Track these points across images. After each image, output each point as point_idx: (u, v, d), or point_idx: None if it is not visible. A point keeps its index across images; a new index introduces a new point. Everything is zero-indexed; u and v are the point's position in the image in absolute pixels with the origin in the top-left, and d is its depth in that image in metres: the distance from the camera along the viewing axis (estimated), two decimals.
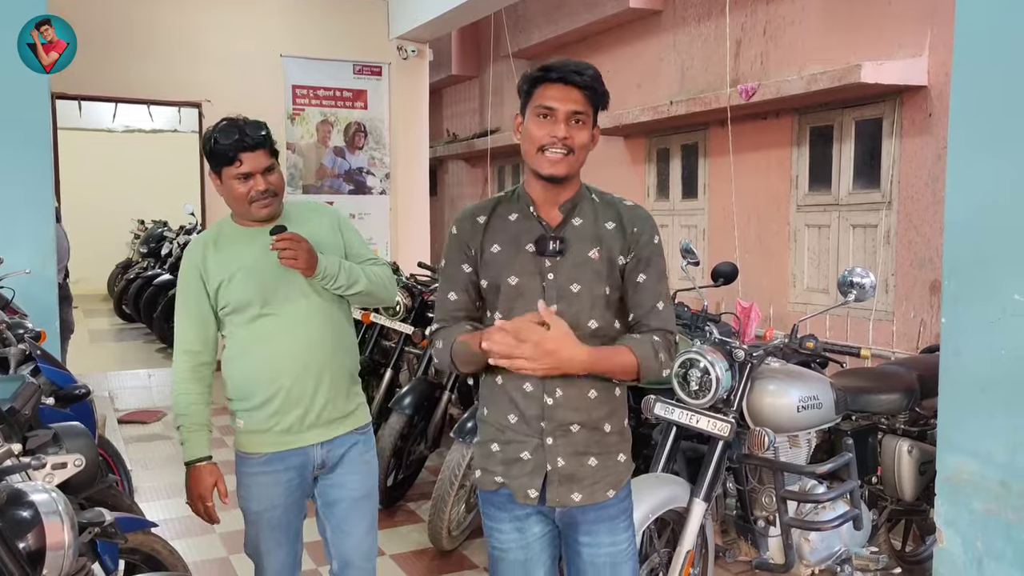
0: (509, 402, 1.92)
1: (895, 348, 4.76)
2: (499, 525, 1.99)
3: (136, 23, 7.30)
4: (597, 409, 1.91)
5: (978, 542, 2.66)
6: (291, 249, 2.19)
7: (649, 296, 1.93)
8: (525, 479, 1.92)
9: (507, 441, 1.94)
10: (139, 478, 5.09)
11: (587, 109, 1.87)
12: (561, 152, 1.85)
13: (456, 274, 1.97)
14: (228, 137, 2.21)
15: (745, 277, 6.02)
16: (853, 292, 2.82)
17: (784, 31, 5.80)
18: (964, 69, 2.66)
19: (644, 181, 7.34)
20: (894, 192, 5.05)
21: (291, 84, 8.01)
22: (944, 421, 2.72)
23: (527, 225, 1.93)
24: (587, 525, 1.95)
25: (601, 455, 1.93)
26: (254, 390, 2.33)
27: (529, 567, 1.99)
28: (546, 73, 1.86)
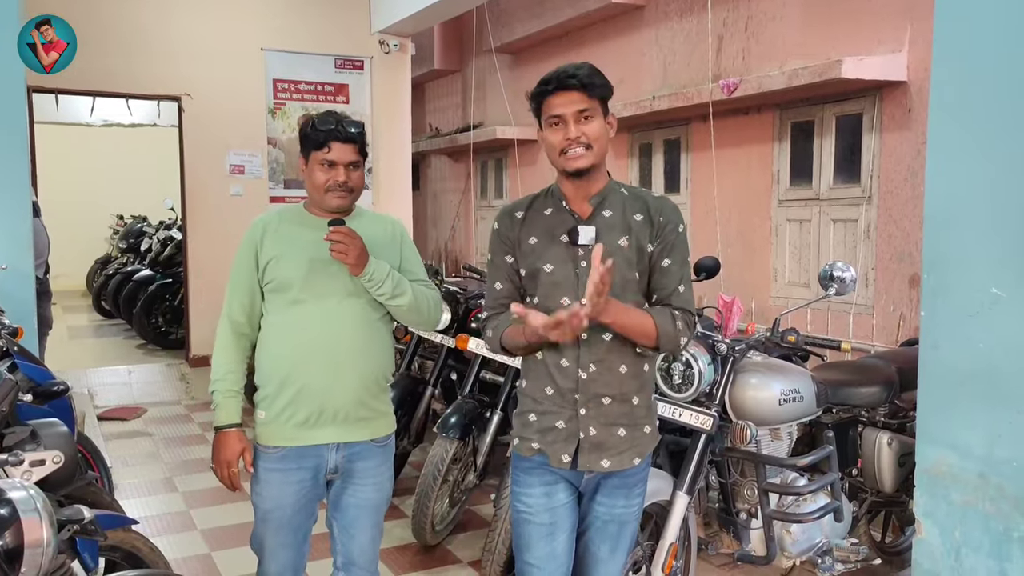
0: (547, 375, 2.11)
1: (875, 341, 4.80)
2: (529, 490, 2.15)
3: (115, 16, 7.22)
4: (627, 383, 2.10)
5: (956, 533, 2.69)
6: (343, 243, 2.23)
7: (672, 279, 2.10)
8: (559, 445, 2.10)
9: (544, 412, 2.12)
10: (119, 475, 5.05)
11: (590, 104, 2.03)
12: (579, 149, 2.02)
13: (501, 264, 2.17)
14: (325, 124, 2.34)
15: (727, 271, 6.05)
16: (834, 286, 2.84)
17: (765, 27, 5.83)
18: (943, 64, 2.68)
19: (626, 176, 7.35)
20: (874, 187, 5.09)
21: (272, 78, 7.95)
22: (923, 414, 2.75)
23: (560, 218, 2.11)
24: (609, 488, 2.16)
25: (629, 426, 2.12)
26: (275, 374, 2.35)
27: (554, 531, 2.15)
28: (544, 87, 2.04)
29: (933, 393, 2.74)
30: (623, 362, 2.09)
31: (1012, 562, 2.45)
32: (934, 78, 2.73)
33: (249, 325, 2.41)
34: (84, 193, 13.24)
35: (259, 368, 2.40)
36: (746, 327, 4.92)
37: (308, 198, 2.43)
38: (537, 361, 2.13)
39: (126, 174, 13.41)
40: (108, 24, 7.18)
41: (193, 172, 7.67)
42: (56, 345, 8.59)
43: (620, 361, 2.09)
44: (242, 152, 7.81)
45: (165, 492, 4.77)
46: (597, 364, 2.07)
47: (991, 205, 2.50)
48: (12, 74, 4.42)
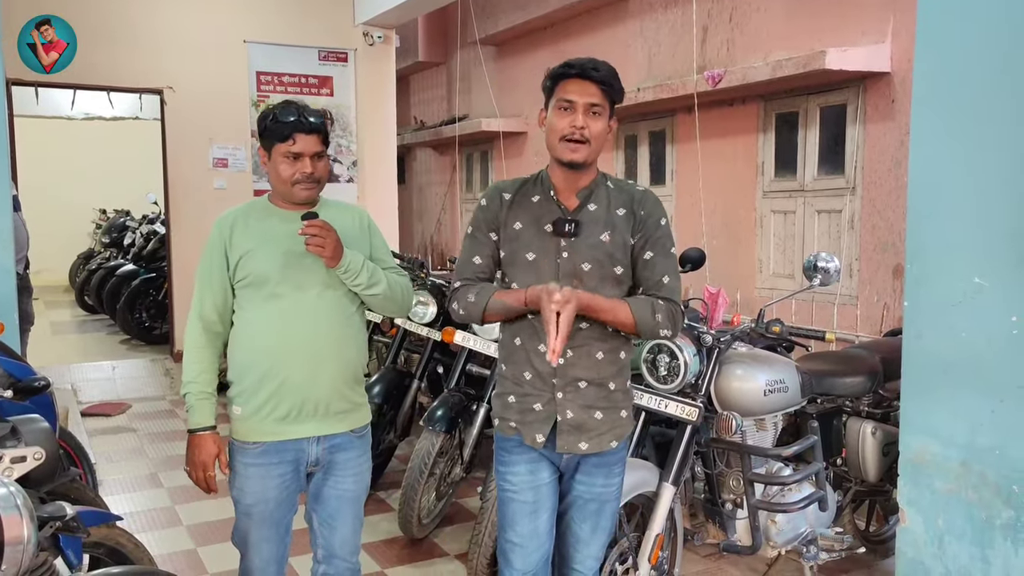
0: (526, 360, 2.16)
1: (859, 332, 4.83)
2: (513, 468, 2.21)
3: (96, 8, 7.12)
4: (603, 369, 2.15)
5: (939, 521, 2.71)
6: (320, 236, 2.22)
7: (656, 271, 2.13)
8: (536, 426, 2.16)
9: (523, 394, 2.18)
10: (103, 471, 5.02)
11: (603, 102, 2.07)
12: (580, 141, 2.05)
13: (484, 240, 2.19)
14: (287, 116, 2.28)
15: (712, 263, 6.06)
16: (818, 277, 2.85)
17: (750, 18, 5.83)
18: (926, 55, 2.68)
19: (612, 168, 7.35)
20: (858, 178, 5.11)
21: (255, 70, 7.88)
22: (906, 403, 2.77)
23: (547, 207, 2.14)
24: (588, 467, 2.21)
25: (607, 409, 2.18)
26: (254, 370, 2.33)
27: (537, 509, 2.20)
28: (567, 69, 2.06)
29: (916, 382, 2.76)
30: (600, 348, 2.14)
31: (994, 549, 2.47)
32: (917, 69, 2.73)
33: (221, 323, 2.37)
34: (66, 187, 13.12)
35: (234, 364, 2.37)
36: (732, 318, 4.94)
37: (272, 191, 2.40)
38: (516, 346, 2.18)
39: (108, 168, 13.29)
40: (89, 17, 7.09)
41: (176, 166, 7.61)
42: (39, 341, 8.51)
43: (598, 347, 2.13)
44: (226, 145, 7.76)
45: (150, 488, 4.74)
46: (575, 350, 2.11)
47: (974, 195, 2.51)
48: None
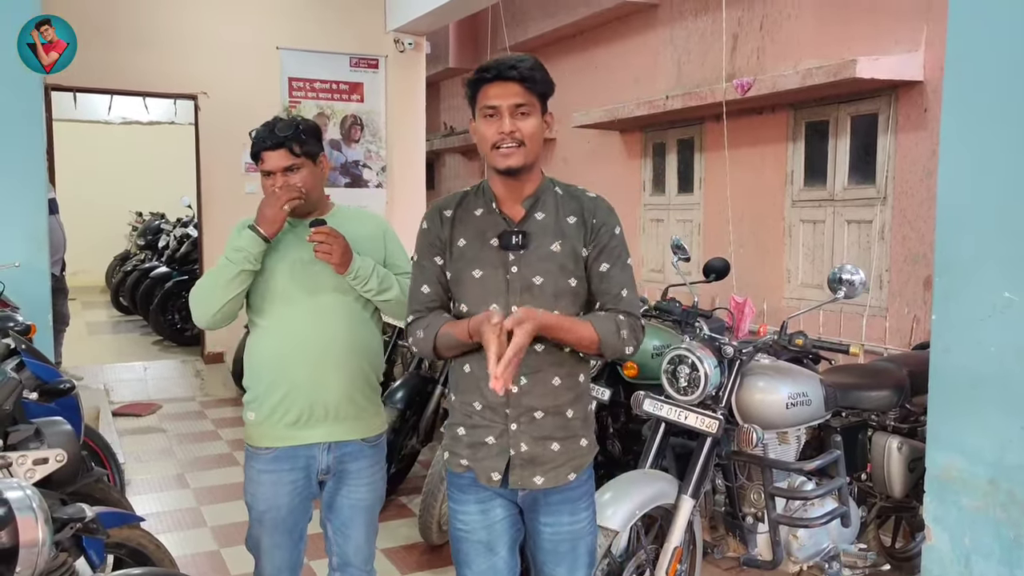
0: (476, 389, 1.98)
1: (888, 344, 4.76)
2: (463, 507, 2.05)
3: (132, 14, 7.27)
4: (561, 396, 1.98)
5: (966, 539, 2.67)
6: (327, 244, 2.23)
7: (613, 284, 1.98)
8: (489, 462, 1.98)
9: (473, 425, 2.01)
10: (132, 471, 5.09)
11: (529, 99, 1.91)
12: (512, 146, 1.90)
13: (429, 267, 2.04)
14: (257, 135, 2.32)
15: (740, 272, 6.01)
16: (843, 289, 2.81)
17: (780, 25, 5.78)
18: (956, 64, 2.65)
19: (640, 176, 7.33)
20: (889, 187, 5.04)
21: (287, 76, 7.97)
22: (933, 418, 2.72)
23: (491, 220, 1.99)
24: (549, 507, 2.03)
25: (564, 440, 2.00)
26: (265, 375, 2.36)
27: (493, 547, 2.05)
28: (483, 74, 1.92)
29: (943, 397, 2.72)
30: (557, 374, 1.97)
31: (1023, 569, 2.42)
32: (947, 79, 2.70)
33: None
34: (105, 190, 13.36)
35: (247, 370, 2.41)
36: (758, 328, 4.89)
37: None
38: (466, 374, 2.00)
39: (146, 171, 13.52)
40: (125, 22, 7.23)
41: (209, 170, 7.72)
42: (74, 341, 8.68)
43: (554, 373, 1.97)
44: None
45: (177, 488, 4.80)
46: (528, 376, 1.95)
47: (1004, 208, 2.47)
48: (28, 76, 4.47)
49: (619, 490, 2.74)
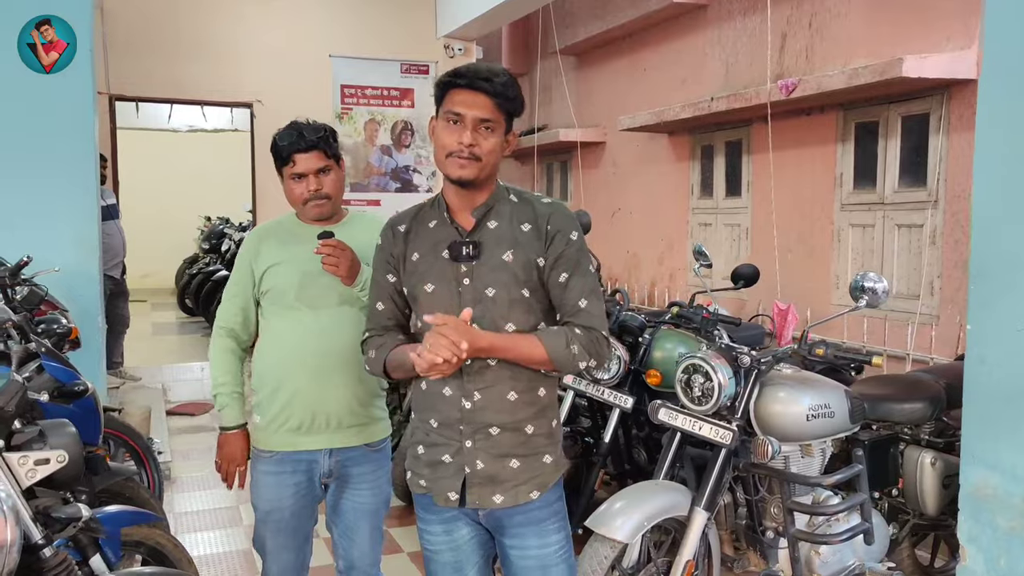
0: (431, 407, 1.95)
1: (933, 354, 4.57)
2: (429, 527, 2.03)
3: (189, 26, 7.51)
4: (519, 411, 1.91)
5: (1001, 561, 2.55)
6: (334, 256, 2.26)
7: (571, 295, 1.90)
8: (446, 482, 1.94)
9: (431, 444, 1.97)
10: (179, 469, 5.26)
11: (496, 116, 1.85)
12: (467, 158, 1.84)
13: (382, 283, 2.01)
14: (285, 139, 2.35)
15: (786, 278, 5.86)
16: (865, 297, 2.72)
17: (830, 24, 5.61)
18: (994, 62, 2.54)
19: (688, 179, 7.21)
20: (941, 191, 4.84)
21: (339, 84, 8.12)
22: (968, 432, 2.61)
23: (444, 232, 1.94)
24: (513, 528, 1.96)
25: (524, 457, 1.93)
26: (270, 381, 2.41)
27: (461, 567, 2.02)
28: (455, 79, 1.85)
29: (978, 411, 2.61)
30: (513, 388, 1.89)
31: None
32: (983, 80, 2.60)
33: (245, 332, 2.48)
34: (176, 195, 13.81)
35: (255, 374, 2.46)
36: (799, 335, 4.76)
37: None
38: (422, 391, 1.97)
39: (213, 177, 13.91)
40: (184, 34, 7.48)
41: (264, 176, 7.91)
42: (139, 341, 8.99)
43: (509, 387, 1.89)
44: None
45: (218, 487, 4.91)
46: (482, 392, 1.89)
47: None
48: (81, 85, 4.65)
49: (629, 500, 2.70)
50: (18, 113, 4.53)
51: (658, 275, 7.70)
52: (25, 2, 4.48)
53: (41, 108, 4.56)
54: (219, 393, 2.45)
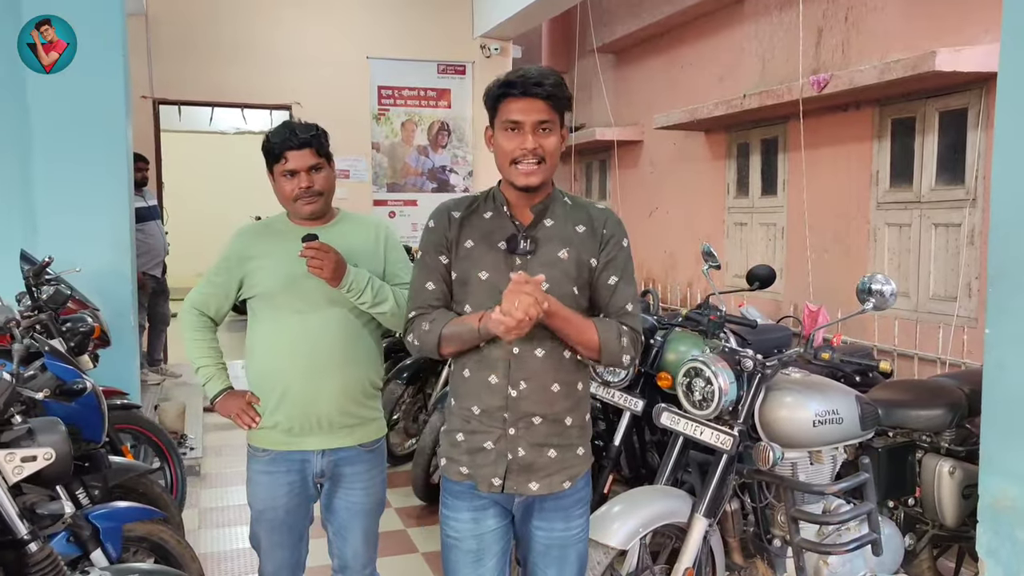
0: (474, 394, 2.01)
1: (966, 358, 4.39)
2: (456, 514, 2.07)
3: (229, 30, 7.67)
4: (559, 403, 2.00)
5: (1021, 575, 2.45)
6: (317, 258, 2.27)
7: (620, 298, 2.01)
8: (488, 468, 2.00)
9: (472, 431, 2.02)
10: (209, 465, 5.36)
11: (552, 116, 1.94)
12: (533, 163, 1.93)
13: (434, 264, 2.05)
14: (278, 136, 2.38)
15: (821, 278, 5.71)
16: (872, 300, 2.63)
17: (866, 18, 5.45)
18: (1012, 61, 2.45)
19: (724, 177, 7.08)
20: (979, 189, 4.66)
21: (376, 85, 8.21)
22: (987, 441, 2.52)
23: (500, 223, 2.02)
24: (543, 512, 2.06)
25: (561, 447, 2.02)
26: (261, 382, 2.43)
27: (481, 557, 2.06)
28: (508, 89, 1.93)
29: (998, 418, 2.52)
30: (556, 380, 1.99)
31: None
32: (1000, 78, 2.52)
33: (216, 318, 2.53)
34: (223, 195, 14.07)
35: (248, 373, 2.48)
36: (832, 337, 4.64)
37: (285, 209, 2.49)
38: (465, 378, 2.03)
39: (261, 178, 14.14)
40: (222, 37, 7.64)
41: None
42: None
43: (553, 379, 1.98)
44: (347, 157, 8.10)
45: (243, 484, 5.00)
46: (528, 381, 1.97)
47: None
48: (113, 90, 4.77)
49: (626, 506, 2.66)
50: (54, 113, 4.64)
51: (695, 275, 7.58)
52: (25, 2, 4.57)
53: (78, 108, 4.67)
54: (202, 367, 2.47)
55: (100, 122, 4.76)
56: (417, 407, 5.25)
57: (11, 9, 4.50)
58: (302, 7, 7.90)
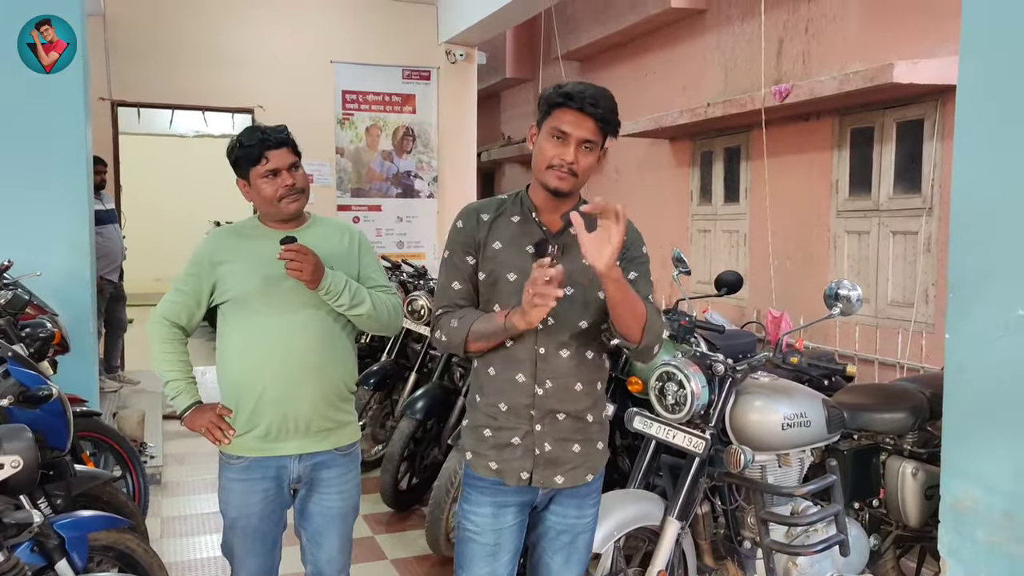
0: (501, 391, 2.08)
1: (924, 362, 4.51)
2: (477, 509, 2.12)
3: (190, 31, 7.54)
4: (581, 400, 2.09)
5: (982, 574, 2.51)
6: (297, 261, 2.24)
7: (640, 291, 2.06)
8: (516, 463, 2.08)
9: (499, 427, 2.09)
10: (171, 473, 5.27)
11: (597, 138, 2.00)
12: (566, 174, 2.00)
13: (461, 264, 2.11)
14: (252, 138, 2.34)
15: (784, 285, 5.81)
16: (839, 306, 2.68)
17: (825, 29, 5.58)
18: (970, 71, 2.52)
19: (688, 185, 7.18)
20: (935, 198, 4.79)
21: (341, 89, 8.14)
22: (948, 443, 2.58)
23: (528, 228, 2.09)
24: (561, 500, 2.15)
25: (583, 442, 2.12)
26: (236, 388, 2.39)
27: (497, 552, 2.12)
28: (566, 100, 1.98)
29: (958, 421, 2.57)
30: (579, 379, 2.08)
31: None
32: (960, 88, 2.57)
33: (188, 327, 2.47)
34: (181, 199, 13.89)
35: (220, 381, 2.44)
36: (795, 342, 4.72)
37: (261, 213, 2.45)
38: (491, 376, 2.10)
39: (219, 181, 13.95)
40: (184, 39, 7.52)
41: None
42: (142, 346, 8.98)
43: (576, 379, 2.08)
44: (312, 162, 8.01)
45: (207, 492, 4.93)
46: (554, 380, 2.06)
47: (1019, 221, 2.32)
48: (74, 88, 4.67)
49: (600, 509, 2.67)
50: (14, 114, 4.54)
51: (660, 281, 7.66)
52: (25, 2, 4.50)
53: (38, 109, 4.57)
54: (171, 381, 2.41)
55: (62, 121, 4.65)
56: (384, 413, 5.22)
57: None
58: (265, 9, 7.82)
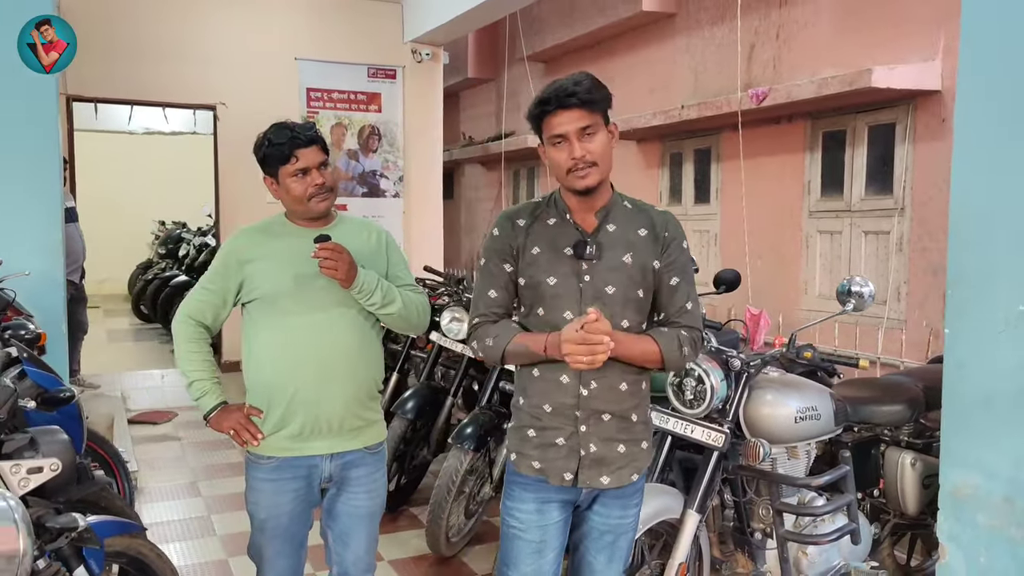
0: (545, 392, 2.08)
1: (904, 358, 4.67)
2: (522, 505, 2.12)
3: (151, 26, 7.35)
4: (626, 400, 2.08)
5: (981, 558, 2.60)
6: (332, 259, 2.22)
7: (680, 297, 2.10)
8: (561, 463, 2.07)
9: (543, 428, 2.09)
10: (145, 478, 5.12)
11: (593, 119, 1.98)
12: (587, 168, 1.98)
13: (497, 272, 2.11)
14: (282, 136, 2.29)
15: (757, 284, 5.95)
16: (852, 301, 2.76)
17: (797, 35, 5.73)
18: (970, 72, 2.60)
19: (657, 185, 7.28)
20: (907, 198, 4.97)
21: (306, 87, 8.02)
22: (947, 434, 2.66)
23: (564, 230, 2.08)
24: (605, 500, 2.14)
25: (628, 442, 2.11)
26: (268, 388, 2.35)
27: (543, 548, 2.12)
28: (544, 107, 1.98)
29: (957, 413, 2.66)
30: (624, 379, 2.08)
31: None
32: (960, 88, 2.65)
33: (214, 326, 2.42)
34: (130, 199, 13.51)
35: (249, 381, 2.40)
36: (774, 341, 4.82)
37: (288, 211, 2.41)
38: (535, 377, 2.09)
39: (169, 181, 13.63)
40: (145, 34, 7.32)
41: (228, 179, 7.78)
42: (96, 348, 8.76)
43: (621, 379, 2.07)
44: None
45: (188, 496, 4.82)
46: (599, 381, 2.05)
47: (1018, 219, 2.41)
48: (44, 85, 4.51)
49: None
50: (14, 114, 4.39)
51: None
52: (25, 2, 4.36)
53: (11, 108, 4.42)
54: (195, 381, 2.36)
55: (28, 120, 4.49)
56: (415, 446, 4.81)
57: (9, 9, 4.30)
58: (229, 5, 7.67)
